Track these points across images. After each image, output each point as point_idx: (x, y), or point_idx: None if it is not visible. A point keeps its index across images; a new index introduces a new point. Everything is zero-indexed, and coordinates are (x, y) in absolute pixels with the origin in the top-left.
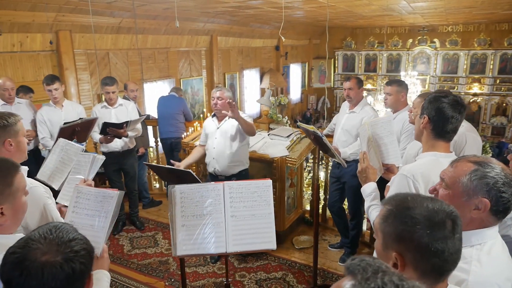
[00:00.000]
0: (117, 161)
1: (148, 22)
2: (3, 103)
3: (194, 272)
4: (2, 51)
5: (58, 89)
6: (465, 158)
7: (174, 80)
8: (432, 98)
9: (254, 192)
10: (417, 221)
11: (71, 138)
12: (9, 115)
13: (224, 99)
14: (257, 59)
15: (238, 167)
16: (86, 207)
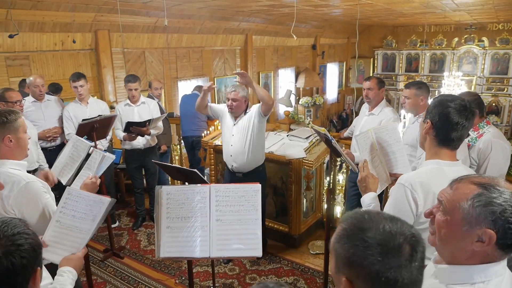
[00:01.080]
0: (139, 158)
1: (183, 22)
2: (34, 100)
3: (206, 272)
4: (45, 50)
5: (83, 86)
6: (468, 179)
7: (208, 78)
8: (437, 101)
9: (242, 196)
10: (368, 245)
11: (90, 134)
12: (10, 112)
13: (239, 100)
14: (292, 58)
15: (254, 164)
16: (73, 209)
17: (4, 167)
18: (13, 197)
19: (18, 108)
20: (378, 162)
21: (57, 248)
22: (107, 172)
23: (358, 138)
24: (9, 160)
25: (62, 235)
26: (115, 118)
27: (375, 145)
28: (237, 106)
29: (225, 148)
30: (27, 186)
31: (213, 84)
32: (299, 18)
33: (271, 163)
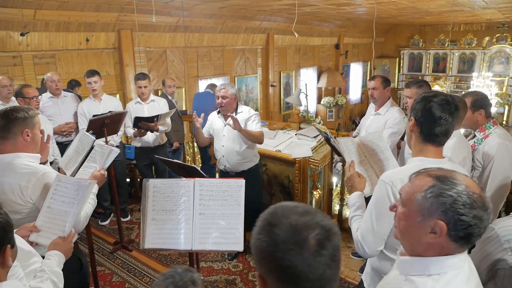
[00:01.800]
0: (149, 156)
1: (204, 21)
2: (51, 96)
3: (209, 268)
4: (71, 49)
5: (97, 82)
6: (426, 172)
7: (229, 77)
8: (420, 98)
9: (225, 191)
10: (273, 240)
11: (101, 130)
12: (29, 109)
13: (228, 97)
14: (315, 58)
15: (248, 164)
16: (63, 195)
17: (20, 160)
18: (31, 187)
19: (34, 103)
20: (369, 166)
21: (47, 232)
22: (119, 167)
23: (343, 141)
24: (23, 153)
25: (52, 220)
26: (126, 115)
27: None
28: (227, 103)
29: (218, 149)
30: (43, 176)
31: (195, 118)
32: (322, 17)
33: (277, 161)
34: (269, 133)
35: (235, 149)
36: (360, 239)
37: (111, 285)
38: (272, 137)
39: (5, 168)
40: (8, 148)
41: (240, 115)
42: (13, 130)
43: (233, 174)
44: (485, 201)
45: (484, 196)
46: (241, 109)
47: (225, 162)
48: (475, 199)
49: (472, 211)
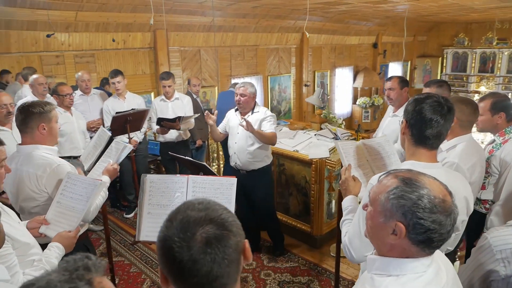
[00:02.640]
0: (172, 150)
1: (238, 20)
2: (81, 93)
3: None
4: (109, 48)
5: (120, 82)
6: (395, 173)
7: (262, 77)
8: (411, 100)
9: (217, 188)
10: (167, 234)
11: (124, 127)
12: (46, 103)
13: (247, 96)
14: (351, 57)
15: (259, 163)
16: (72, 191)
17: (38, 151)
18: (46, 177)
19: (67, 100)
20: (369, 169)
21: (55, 225)
22: (141, 162)
23: (341, 144)
24: (42, 145)
25: (61, 214)
26: (148, 112)
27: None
28: (245, 102)
29: (230, 146)
30: (58, 168)
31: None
32: (359, 15)
33: (295, 161)
34: (288, 133)
35: (247, 148)
36: (347, 243)
37: (128, 275)
38: (291, 137)
39: (25, 158)
40: (28, 140)
41: (256, 114)
42: (30, 124)
43: (244, 172)
44: (448, 206)
45: (449, 201)
46: (258, 109)
47: (236, 160)
48: (436, 204)
49: (432, 216)
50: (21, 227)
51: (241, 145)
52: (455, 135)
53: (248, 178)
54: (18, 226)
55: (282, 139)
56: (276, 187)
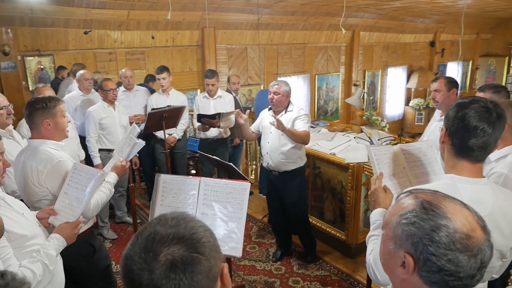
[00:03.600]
0: (210, 147)
1: (286, 18)
2: (124, 89)
3: (252, 266)
4: (158, 46)
5: (165, 78)
6: (416, 193)
7: (309, 75)
8: (453, 104)
9: (230, 193)
10: (132, 252)
11: (160, 123)
12: (50, 99)
13: (280, 94)
14: (405, 56)
15: (292, 164)
16: (78, 182)
17: (44, 146)
18: (46, 173)
19: (111, 95)
20: (406, 179)
21: (62, 216)
22: (180, 159)
23: (373, 149)
24: (49, 140)
25: (67, 204)
26: (184, 109)
27: (402, 162)
28: (278, 100)
29: (263, 146)
30: (58, 164)
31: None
32: (416, 12)
33: (331, 165)
34: (327, 135)
35: (279, 148)
36: (372, 263)
37: None
38: (329, 139)
39: (31, 152)
40: (36, 135)
41: (289, 113)
42: (34, 120)
43: (276, 173)
44: (474, 245)
45: (477, 238)
46: (292, 108)
47: (268, 160)
48: (456, 239)
49: (448, 253)
50: (21, 219)
51: (273, 145)
52: (507, 143)
53: (280, 179)
54: (18, 218)
55: (319, 141)
56: (311, 190)
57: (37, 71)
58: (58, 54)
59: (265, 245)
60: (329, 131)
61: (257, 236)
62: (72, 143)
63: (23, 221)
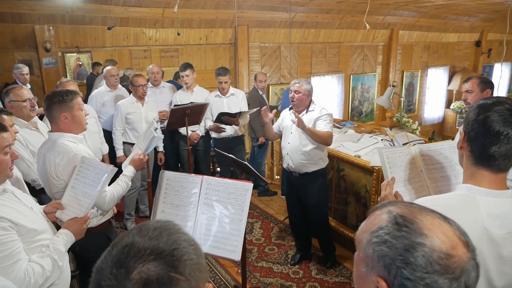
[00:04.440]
0: (226, 146)
1: (321, 16)
2: (151, 86)
3: (269, 268)
4: (192, 44)
5: (189, 75)
6: (390, 205)
7: (343, 75)
8: (476, 106)
9: (231, 193)
10: (104, 266)
11: (183, 120)
12: (67, 92)
13: (301, 93)
14: (447, 56)
15: (313, 166)
16: (85, 176)
17: (62, 139)
18: (62, 166)
19: (140, 91)
20: (423, 183)
21: (69, 211)
22: (202, 156)
23: (386, 152)
24: (67, 133)
25: (74, 199)
26: (207, 106)
27: (419, 165)
28: (299, 99)
29: (284, 146)
30: (74, 157)
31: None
32: (460, 10)
33: (356, 168)
34: (353, 136)
35: (300, 149)
36: None
37: None
38: (355, 141)
39: (50, 145)
40: (55, 128)
41: (310, 113)
42: (52, 113)
43: (296, 175)
44: (456, 265)
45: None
46: (313, 108)
47: (288, 161)
48: (433, 260)
49: (425, 277)
50: (30, 213)
51: (294, 145)
52: None
53: (300, 181)
54: (28, 211)
55: (344, 142)
56: (334, 192)
57: (76, 67)
58: (96, 51)
59: (284, 247)
60: (355, 132)
61: (277, 238)
62: (95, 137)
63: (32, 215)
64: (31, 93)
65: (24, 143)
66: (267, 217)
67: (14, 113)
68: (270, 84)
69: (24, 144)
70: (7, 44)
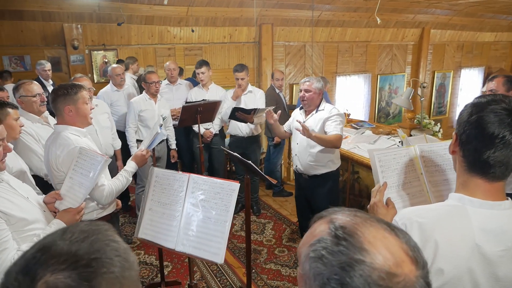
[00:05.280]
0: (241, 145)
1: (348, 15)
2: (167, 82)
3: (277, 271)
4: (216, 42)
5: (205, 73)
6: (332, 215)
7: (370, 75)
8: (468, 105)
9: (217, 193)
10: (11, 270)
11: (195, 117)
12: (72, 86)
13: (312, 91)
14: (483, 57)
15: (322, 168)
16: (82, 167)
17: (66, 132)
18: (62, 157)
19: (153, 88)
20: (423, 187)
21: (67, 201)
22: (217, 155)
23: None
24: (71, 126)
25: (71, 189)
26: (220, 104)
27: (419, 167)
28: (309, 98)
29: (293, 147)
30: (74, 150)
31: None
32: (497, 8)
33: (370, 170)
34: (370, 137)
35: (309, 150)
36: None
37: (182, 264)
38: (371, 142)
39: (54, 137)
40: (60, 121)
41: (320, 113)
42: (57, 106)
43: (306, 177)
44: (401, 285)
45: (405, 276)
46: (323, 107)
47: (297, 162)
48: (374, 281)
49: None
50: (24, 203)
51: (302, 146)
52: None
53: (309, 183)
54: (21, 201)
55: (360, 143)
56: (348, 195)
57: (102, 65)
58: (122, 49)
59: (295, 250)
60: (373, 134)
61: (288, 240)
62: (107, 132)
63: (26, 205)
64: (41, 88)
65: (37, 138)
66: (280, 218)
67: (25, 108)
68: (294, 83)
69: (37, 139)
70: (38, 42)
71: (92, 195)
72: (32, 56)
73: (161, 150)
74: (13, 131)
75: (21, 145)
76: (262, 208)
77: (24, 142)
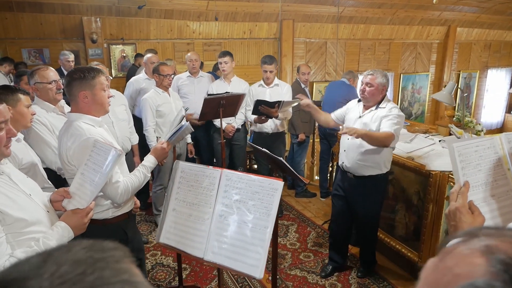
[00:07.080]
0: (265, 142)
1: (372, 11)
2: (189, 75)
3: (303, 278)
4: (236, 37)
5: (228, 63)
6: (488, 237)
7: (393, 74)
8: None
9: (256, 192)
10: None
11: (217, 110)
12: (90, 69)
13: (374, 86)
14: (511, 56)
15: (370, 169)
16: (95, 162)
17: (79, 121)
18: (73, 149)
19: (166, 81)
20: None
21: (75, 200)
22: (238, 151)
23: (457, 146)
24: (86, 115)
25: (82, 187)
26: (244, 97)
27: (506, 161)
28: (370, 93)
29: (342, 141)
30: (86, 141)
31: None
32: None
33: (407, 171)
34: (405, 136)
35: (359, 146)
36: None
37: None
38: (407, 141)
39: (67, 126)
40: (74, 108)
41: (380, 110)
42: (72, 91)
43: (351, 176)
44: None
45: None
46: (385, 105)
47: (343, 158)
48: None
49: None
50: (25, 201)
51: (355, 143)
52: None
53: (354, 184)
54: (21, 199)
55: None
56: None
57: (120, 59)
58: (140, 43)
59: (321, 255)
60: (408, 132)
61: (314, 244)
62: (124, 125)
63: (27, 203)
64: (57, 75)
65: (51, 128)
66: (304, 220)
67: (40, 96)
68: (315, 81)
69: (51, 130)
70: (57, 35)
71: (106, 192)
72: (50, 50)
73: (182, 147)
74: (24, 119)
75: (33, 135)
76: (284, 209)
77: (36, 132)
